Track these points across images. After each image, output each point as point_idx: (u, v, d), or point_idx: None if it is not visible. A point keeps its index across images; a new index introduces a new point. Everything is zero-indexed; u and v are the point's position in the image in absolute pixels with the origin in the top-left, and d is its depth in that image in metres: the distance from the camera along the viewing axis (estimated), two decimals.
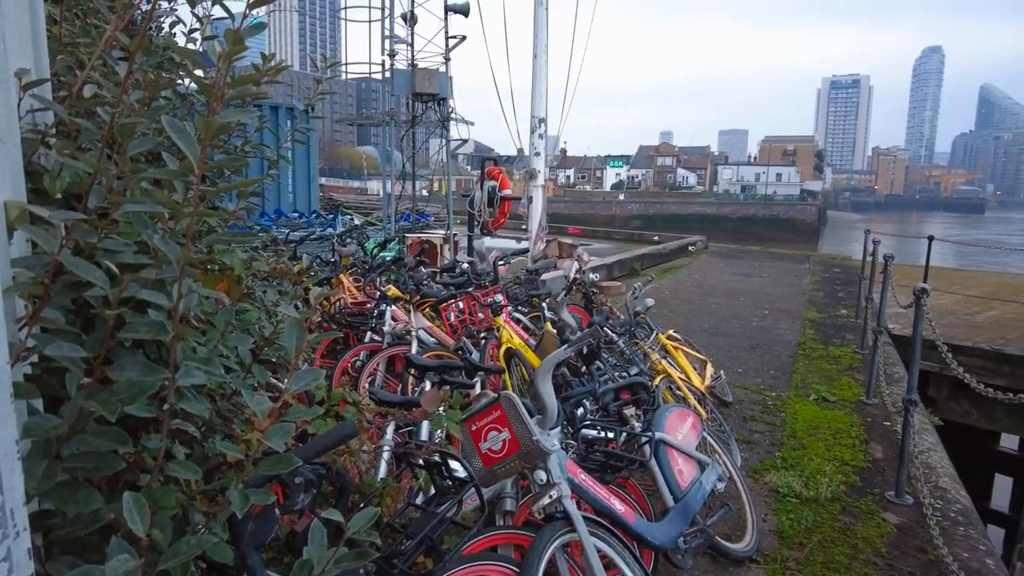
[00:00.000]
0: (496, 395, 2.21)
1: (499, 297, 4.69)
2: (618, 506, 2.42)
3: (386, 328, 4.49)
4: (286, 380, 1.11)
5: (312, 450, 1.42)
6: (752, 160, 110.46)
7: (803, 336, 7.99)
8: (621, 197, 69.60)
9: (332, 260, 6.22)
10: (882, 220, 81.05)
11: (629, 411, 2.99)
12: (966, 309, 9.58)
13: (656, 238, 18.72)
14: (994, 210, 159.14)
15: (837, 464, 4.37)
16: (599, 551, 2.15)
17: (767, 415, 5.29)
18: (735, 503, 3.30)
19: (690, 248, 17.03)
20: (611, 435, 2.91)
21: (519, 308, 5.50)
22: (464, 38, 11.39)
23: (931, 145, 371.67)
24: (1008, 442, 9.83)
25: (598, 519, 2.32)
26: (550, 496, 2.14)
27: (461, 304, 4.82)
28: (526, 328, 5.27)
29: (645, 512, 2.77)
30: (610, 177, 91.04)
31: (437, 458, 2.06)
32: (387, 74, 11.10)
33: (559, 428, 2.34)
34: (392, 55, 11.07)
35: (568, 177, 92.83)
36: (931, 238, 9.84)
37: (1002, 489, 9.43)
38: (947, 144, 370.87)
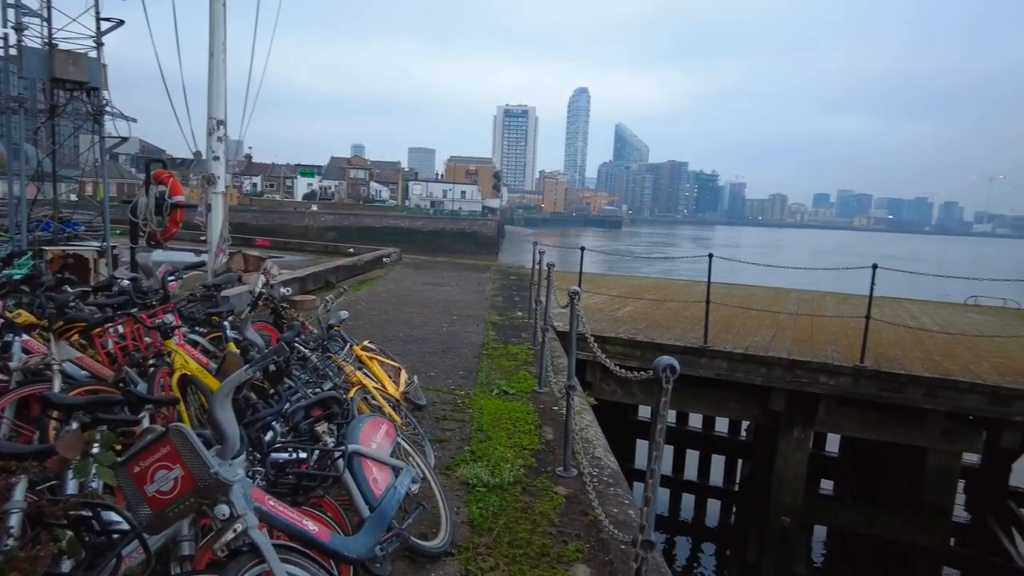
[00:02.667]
0: (164, 429, 1.96)
1: (169, 317, 4.16)
2: (311, 527, 2.34)
3: (13, 363, 3.64)
4: None
5: None
6: (440, 177, 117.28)
7: (486, 338, 8.74)
8: (314, 208, 67.81)
9: None
10: (548, 234, 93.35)
11: (321, 427, 2.92)
12: (610, 306, 11.55)
13: (351, 250, 18.65)
14: (628, 226, 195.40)
15: (518, 450, 4.88)
16: None
17: (457, 413, 5.65)
18: (429, 502, 3.45)
19: (385, 260, 17.35)
20: (303, 455, 2.81)
21: (196, 329, 4.96)
22: (121, 23, 9.93)
23: (583, 171, 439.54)
24: (644, 412, 12.16)
25: (292, 544, 2.22)
26: (234, 530, 1.98)
27: (121, 328, 4.16)
28: (205, 351, 4.78)
29: (342, 527, 2.74)
30: (301, 187, 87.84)
31: (85, 512, 1.74)
32: (12, 51, 9.07)
33: (243, 456, 2.18)
34: (19, 29, 9.09)
35: (255, 185, 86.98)
36: (583, 249, 11.63)
37: (641, 451, 11.67)
38: (595, 171, 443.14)
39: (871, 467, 10.43)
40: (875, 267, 8.38)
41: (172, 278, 5.16)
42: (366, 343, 5.27)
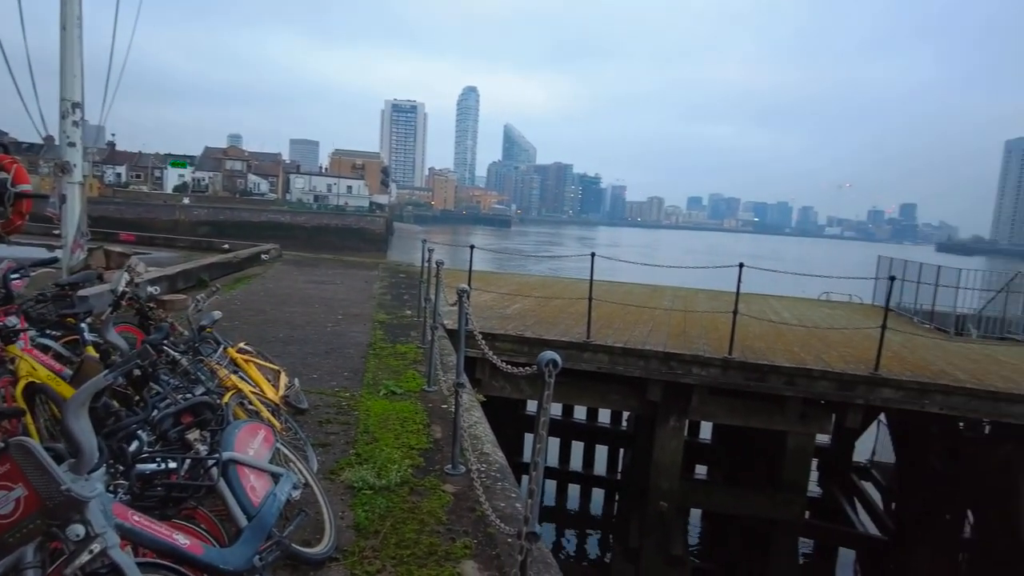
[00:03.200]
0: (3, 444, 1.77)
1: (12, 319, 3.74)
2: (183, 540, 2.20)
3: None
4: None
5: None
6: (324, 171, 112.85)
7: (374, 337, 8.56)
8: (186, 201, 63.48)
9: None
10: (439, 232, 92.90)
11: (193, 435, 2.74)
12: (499, 304, 11.68)
13: (227, 246, 17.59)
14: (517, 225, 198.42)
15: (405, 450, 4.82)
16: None
17: (342, 415, 5.50)
18: (312, 508, 3.34)
19: (263, 256, 16.54)
20: (173, 465, 2.63)
21: (48, 332, 4.49)
22: None
23: (473, 169, 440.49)
24: (532, 406, 12.43)
25: (160, 561, 2.08)
26: (90, 551, 1.82)
27: None
28: (59, 356, 4.34)
29: (218, 538, 2.59)
30: (172, 178, 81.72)
31: None
32: None
33: (103, 469, 2.01)
34: None
35: (119, 175, 79.93)
36: (472, 247, 11.69)
37: (529, 444, 11.91)
38: (484, 170, 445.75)
39: (740, 451, 11.28)
40: (742, 266, 9.06)
41: (16, 276, 4.64)
42: (242, 345, 5.00)
